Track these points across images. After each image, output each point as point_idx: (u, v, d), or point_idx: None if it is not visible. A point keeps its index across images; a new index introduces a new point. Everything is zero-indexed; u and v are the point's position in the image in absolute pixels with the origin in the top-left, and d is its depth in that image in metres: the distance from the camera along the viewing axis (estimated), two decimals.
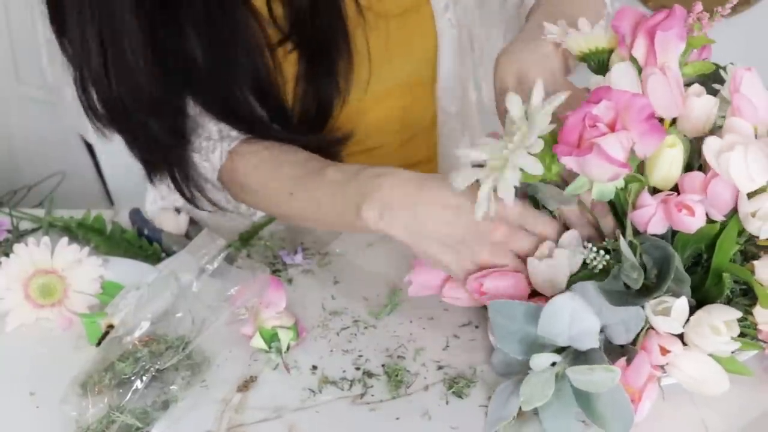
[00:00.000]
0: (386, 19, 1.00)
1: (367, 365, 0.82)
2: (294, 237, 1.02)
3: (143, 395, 0.78)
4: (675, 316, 0.71)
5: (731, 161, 0.69)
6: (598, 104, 0.71)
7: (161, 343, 0.80)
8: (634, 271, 0.71)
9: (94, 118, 0.93)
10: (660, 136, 0.71)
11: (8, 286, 0.89)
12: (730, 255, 0.73)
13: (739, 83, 0.73)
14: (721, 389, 0.73)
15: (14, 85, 1.92)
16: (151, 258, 0.96)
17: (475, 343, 0.84)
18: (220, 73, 0.92)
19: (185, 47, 0.90)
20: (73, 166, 1.83)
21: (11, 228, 1.02)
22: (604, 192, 0.73)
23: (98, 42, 0.87)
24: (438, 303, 0.90)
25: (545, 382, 0.71)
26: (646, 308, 0.72)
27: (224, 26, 0.91)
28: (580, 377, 0.70)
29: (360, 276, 0.95)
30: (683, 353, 0.72)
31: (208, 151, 0.96)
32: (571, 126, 0.71)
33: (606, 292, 0.71)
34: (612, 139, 0.69)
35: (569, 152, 0.70)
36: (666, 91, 0.74)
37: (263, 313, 0.83)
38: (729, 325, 0.71)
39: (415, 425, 0.76)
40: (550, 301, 0.72)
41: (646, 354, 0.72)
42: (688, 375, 0.72)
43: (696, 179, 0.72)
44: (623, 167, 0.70)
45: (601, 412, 0.71)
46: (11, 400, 0.81)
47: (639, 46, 0.76)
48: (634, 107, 0.70)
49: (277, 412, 0.78)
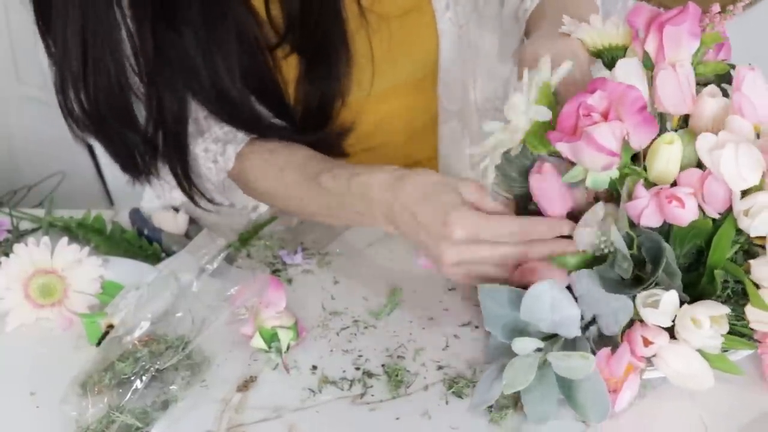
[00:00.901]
0: (388, 20, 1.01)
1: (367, 365, 0.82)
2: (294, 237, 1.02)
3: (143, 395, 0.78)
4: (663, 309, 0.72)
5: (722, 159, 0.70)
6: (593, 94, 0.72)
7: (161, 343, 0.81)
8: (624, 261, 0.73)
9: (71, 120, 0.93)
10: (653, 129, 0.73)
11: (8, 286, 0.89)
12: (727, 252, 0.73)
13: (741, 82, 0.73)
14: (705, 386, 0.73)
15: (14, 85, 1.92)
16: (151, 258, 0.96)
17: (475, 343, 0.84)
18: (220, 75, 0.92)
19: (184, 49, 0.90)
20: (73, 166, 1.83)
21: (11, 228, 1.02)
22: (598, 181, 0.74)
23: (80, 46, 0.87)
24: (438, 303, 0.90)
25: (528, 366, 0.73)
26: (636, 300, 0.73)
27: (223, 27, 0.91)
28: (558, 363, 0.72)
29: (360, 276, 0.95)
30: (669, 346, 0.73)
31: (216, 154, 0.96)
32: (567, 114, 0.73)
33: (602, 279, 0.73)
34: (604, 128, 0.71)
35: (561, 138, 0.72)
36: (675, 88, 0.74)
37: (263, 313, 0.83)
38: (718, 321, 0.72)
39: (415, 425, 0.76)
40: (531, 288, 0.74)
41: (629, 344, 0.73)
42: (673, 368, 0.73)
43: (694, 176, 0.72)
44: (612, 156, 0.71)
45: (580, 400, 0.73)
46: (11, 400, 0.81)
47: (651, 41, 0.77)
48: (627, 99, 0.72)
49: (277, 412, 0.78)
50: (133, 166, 0.98)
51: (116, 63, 0.88)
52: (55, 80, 0.92)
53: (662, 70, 0.75)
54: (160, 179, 1.00)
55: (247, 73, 0.94)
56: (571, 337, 0.74)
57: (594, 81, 0.74)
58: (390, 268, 0.95)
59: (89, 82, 0.89)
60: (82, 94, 0.90)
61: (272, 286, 0.84)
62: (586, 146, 0.71)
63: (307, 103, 0.98)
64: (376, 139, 1.11)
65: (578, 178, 0.75)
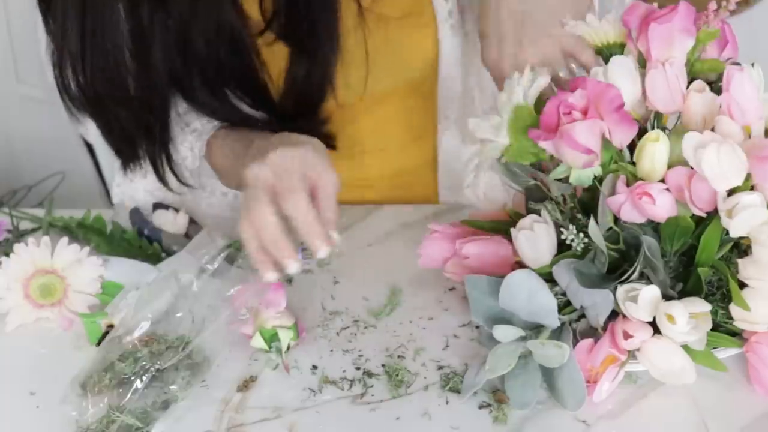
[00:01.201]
0: (387, 21, 1.00)
1: (367, 365, 0.82)
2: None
3: (143, 395, 0.78)
4: (642, 304, 0.73)
5: (704, 159, 0.70)
6: (574, 93, 0.73)
7: (161, 343, 0.81)
8: (601, 255, 0.74)
9: (68, 99, 0.94)
10: (631, 127, 0.73)
11: (8, 286, 0.89)
12: (715, 251, 0.74)
13: (729, 82, 0.73)
14: (686, 381, 0.75)
15: (14, 85, 1.92)
16: (151, 258, 0.96)
17: (475, 343, 0.84)
18: (203, 66, 0.93)
19: (169, 38, 0.91)
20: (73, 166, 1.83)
21: (11, 228, 1.02)
22: (582, 178, 0.75)
23: (79, 26, 0.88)
24: (438, 303, 0.90)
25: (510, 353, 0.75)
26: (617, 293, 0.74)
27: (209, 15, 0.91)
28: (536, 351, 0.75)
29: (360, 276, 0.95)
30: (652, 340, 0.74)
31: (194, 143, 0.97)
32: (549, 112, 0.74)
33: (579, 273, 0.75)
34: (581, 126, 0.72)
35: (545, 137, 0.73)
36: (664, 86, 0.75)
37: (263, 313, 0.83)
38: (699, 317, 0.72)
39: (415, 425, 0.76)
40: (507, 276, 0.76)
41: (610, 336, 0.75)
42: (653, 362, 0.74)
43: (681, 174, 0.73)
44: (589, 153, 0.72)
45: (558, 388, 0.76)
46: (11, 400, 0.81)
47: (643, 40, 0.77)
48: (605, 97, 0.72)
49: (277, 412, 0.78)
50: (127, 148, 0.98)
51: (114, 43, 0.89)
52: (52, 57, 0.92)
53: (652, 68, 0.75)
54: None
55: (233, 64, 0.94)
56: (553, 327, 0.76)
57: (575, 79, 0.75)
58: (390, 268, 0.95)
59: (87, 61, 0.90)
60: (79, 72, 0.91)
61: (272, 286, 0.84)
62: (564, 144, 0.72)
63: (293, 94, 0.98)
64: (373, 142, 1.11)
65: (564, 174, 0.76)
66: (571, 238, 0.76)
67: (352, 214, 1.06)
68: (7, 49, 1.87)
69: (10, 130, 1.97)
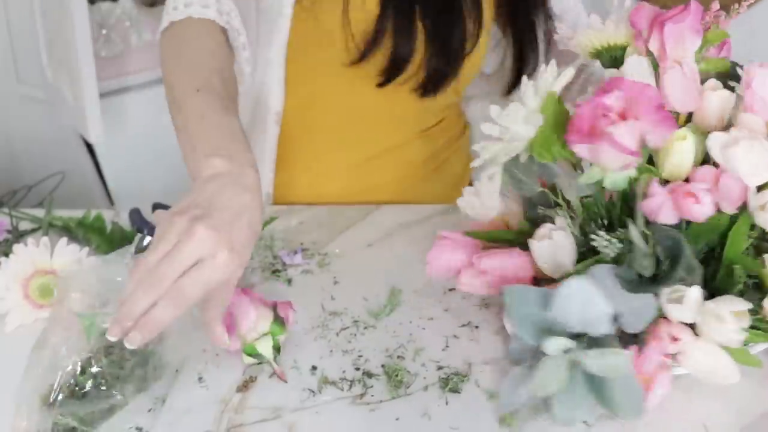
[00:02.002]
0: None
1: (367, 365, 0.82)
2: (294, 237, 1.02)
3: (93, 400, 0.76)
4: (688, 305, 0.72)
5: (735, 156, 0.70)
6: (610, 94, 0.72)
7: (123, 349, 0.76)
8: (645, 259, 0.72)
9: None
10: (671, 127, 0.72)
11: (8, 286, 0.89)
12: (742, 248, 0.74)
13: (752, 79, 0.74)
14: (731, 380, 0.73)
15: (14, 85, 1.92)
16: None
17: (475, 343, 0.84)
18: None
19: None
20: (73, 166, 1.84)
21: (11, 228, 1.02)
22: (617, 181, 0.73)
23: None
24: (438, 303, 0.90)
25: (559, 367, 0.71)
26: (659, 297, 0.72)
27: None
28: (593, 362, 0.70)
29: (360, 276, 0.95)
30: (693, 342, 0.73)
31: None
32: (583, 115, 0.72)
33: (622, 279, 0.72)
34: (623, 128, 0.70)
35: (580, 140, 0.71)
36: (683, 86, 0.75)
37: (241, 327, 0.80)
38: (739, 315, 0.72)
39: (415, 425, 0.76)
40: (564, 284, 0.72)
41: (657, 342, 0.73)
42: (698, 365, 0.73)
43: (707, 173, 0.73)
44: (633, 155, 0.71)
45: (613, 398, 0.71)
46: (11, 400, 0.81)
47: (654, 40, 0.77)
48: (644, 97, 0.71)
49: (277, 412, 0.78)
50: None
51: None
52: None
53: (671, 68, 0.75)
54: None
55: None
56: (598, 335, 0.73)
57: (610, 81, 0.73)
58: (390, 268, 0.95)
59: None
60: None
61: (234, 302, 0.79)
62: (607, 147, 0.70)
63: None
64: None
65: (596, 178, 0.74)
66: (604, 245, 0.75)
67: (352, 215, 1.06)
68: (7, 49, 1.88)
69: (10, 130, 1.97)
